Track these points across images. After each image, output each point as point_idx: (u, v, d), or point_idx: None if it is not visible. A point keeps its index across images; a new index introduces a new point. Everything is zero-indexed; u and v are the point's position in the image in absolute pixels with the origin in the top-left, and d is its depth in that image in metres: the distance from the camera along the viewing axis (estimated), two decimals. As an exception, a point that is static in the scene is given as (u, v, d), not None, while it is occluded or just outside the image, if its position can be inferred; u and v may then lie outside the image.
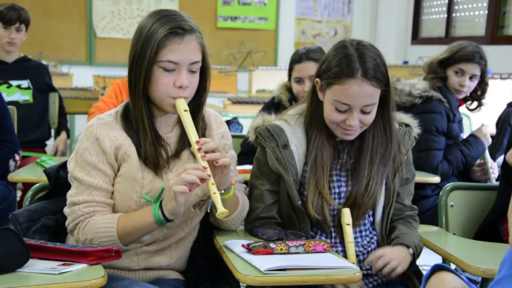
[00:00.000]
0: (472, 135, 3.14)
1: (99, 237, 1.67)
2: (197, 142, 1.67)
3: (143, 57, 1.68)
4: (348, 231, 1.83)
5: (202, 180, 1.62)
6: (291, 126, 1.90)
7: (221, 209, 1.61)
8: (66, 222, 1.74)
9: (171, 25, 1.67)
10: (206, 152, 1.66)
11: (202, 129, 1.82)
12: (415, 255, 1.86)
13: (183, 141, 1.79)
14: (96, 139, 1.72)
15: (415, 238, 1.88)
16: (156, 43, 1.66)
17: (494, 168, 3.10)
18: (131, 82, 1.72)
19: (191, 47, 1.69)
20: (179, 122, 1.79)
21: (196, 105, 1.80)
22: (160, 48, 1.66)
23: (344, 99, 1.77)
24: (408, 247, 1.83)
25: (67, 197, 1.75)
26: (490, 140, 3.11)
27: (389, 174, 1.88)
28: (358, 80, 1.75)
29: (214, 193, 1.63)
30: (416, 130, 1.97)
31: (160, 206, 1.64)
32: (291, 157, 1.86)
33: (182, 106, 1.70)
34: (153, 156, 1.72)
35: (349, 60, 1.77)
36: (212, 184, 1.64)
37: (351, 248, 1.81)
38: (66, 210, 1.74)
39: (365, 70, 1.75)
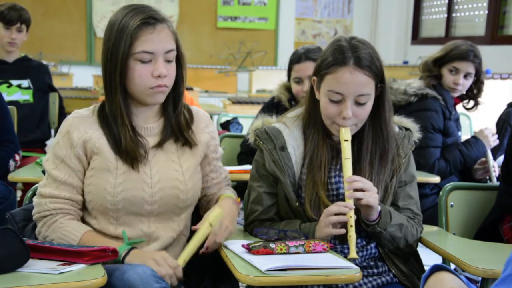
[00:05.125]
0: (473, 137, 3.14)
1: (61, 242, 1.69)
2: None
3: (117, 51, 1.68)
4: (346, 146, 1.79)
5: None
6: (289, 128, 1.89)
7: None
8: (33, 211, 1.76)
9: (142, 16, 1.69)
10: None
11: (187, 121, 1.82)
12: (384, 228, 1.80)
13: (166, 132, 1.79)
14: (67, 133, 1.74)
15: (396, 220, 1.82)
16: (129, 36, 1.67)
17: (495, 167, 3.10)
18: (106, 78, 1.72)
19: (164, 35, 1.71)
20: (164, 114, 1.80)
21: (175, 96, 1.80)
22: (133, 40, 1.67)
23: (336, 88, 1.77)
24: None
25: (38, 186, 1.78)
26: (492, 142, 3.10)
27: (387, 176, 1.88)
28: (350, 68, 1.75)
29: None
30: (416, 135, 1.97)
31: (129, 251, 1.66)
32: (288, 159, 1.85)
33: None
34: (132, 150, 1.73)
35: (342, 51, 1.78)
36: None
37: (347, 165, 1.78)
38: (34, 199, 1.77)
39: (357, 58, 1.76)
